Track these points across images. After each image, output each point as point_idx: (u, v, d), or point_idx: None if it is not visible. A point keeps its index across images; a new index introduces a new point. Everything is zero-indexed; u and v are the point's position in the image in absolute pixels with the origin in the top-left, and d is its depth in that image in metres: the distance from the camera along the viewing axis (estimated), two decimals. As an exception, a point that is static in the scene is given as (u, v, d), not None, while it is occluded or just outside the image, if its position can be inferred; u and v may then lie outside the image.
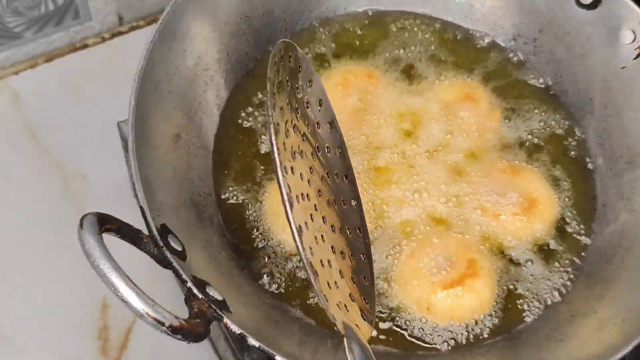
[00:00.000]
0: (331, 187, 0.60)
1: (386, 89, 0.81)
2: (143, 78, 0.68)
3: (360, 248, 0.59)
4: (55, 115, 0.93)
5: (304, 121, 0.60)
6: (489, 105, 0.81)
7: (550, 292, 0.72)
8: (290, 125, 0.59)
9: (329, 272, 0.58)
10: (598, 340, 0.67)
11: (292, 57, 0.59)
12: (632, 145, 0.77)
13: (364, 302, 0.59)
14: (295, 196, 0.58)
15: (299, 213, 0.57)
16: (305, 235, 0.57)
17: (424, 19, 0.87)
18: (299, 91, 0.60)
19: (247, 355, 0.72)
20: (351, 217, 0.59)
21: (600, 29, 0.79)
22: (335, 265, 0.59)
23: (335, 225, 0.60)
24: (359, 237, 0.59)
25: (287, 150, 0.58)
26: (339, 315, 0.57)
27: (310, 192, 0.59)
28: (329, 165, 0.60)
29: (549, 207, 0.75)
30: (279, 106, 0.58)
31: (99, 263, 0.54)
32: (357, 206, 0.59)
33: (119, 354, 0.81)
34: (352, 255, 0.60)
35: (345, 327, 0.57)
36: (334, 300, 0.58)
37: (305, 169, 0.59)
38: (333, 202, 0.60)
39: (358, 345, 0.56)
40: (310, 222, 0.59)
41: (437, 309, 0.70)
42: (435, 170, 0.77)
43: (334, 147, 0.59)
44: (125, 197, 0.86)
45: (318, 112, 0.60)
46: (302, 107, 0.60)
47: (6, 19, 0.91)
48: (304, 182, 0.59)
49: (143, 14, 1.00)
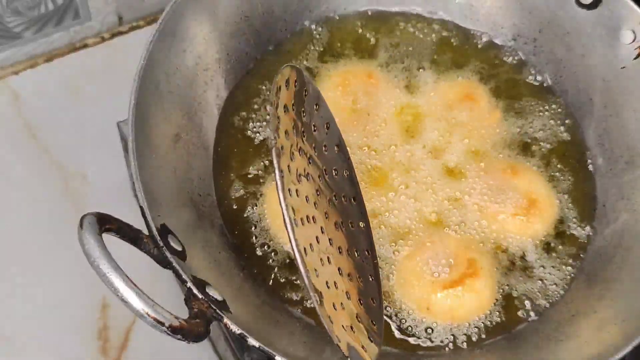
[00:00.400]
0: (338, 209, 0.59)
1: (386, 89, 0.81)
2: (143, 78, 0.68)
3: (368, 269, 0.58)
4: (55, 115, 0.93)
5: (310, 144, 0.59)
6: (489, 105, 0.81)
7: (550, 292, 0.72)
8: (295, 148, 0.58)
9: (335, 294, 0.58)
10: (598, 340, 0.67)
11: (298, 81, 0.59)
12: (632, 145, 0.77)
13: (371, 324, 0.58)
14: (300, 218, 0.57)
15: (304, 235, 0.57)
16: (310, 256, 0.57)
17: (424, 19, 0.87)
18: (305, 115, 0.59)
19: (247, 355, 0.72)
20: (359, 239, 0.58)
21: (600, 29, 0.79)
22: (341, 287, 0.58)
23: (343, 247, 0.59)
24: (367, 258, 0.58)
25: (292, 173, 0.57)
26: (344, 336, 0.57)
27: (316, 215, 0.59)
28: (336, 187, 0.59)
29: (548, 207, 0.75)
30: (283, 130, 0.58)
31: (99, 263, 0.54)
32: (365, 228, 0.58)
33: (119, 354, 0.81)
34: (359, 277, 0.58)
35: (349, 349, 0.57)
36: (339, 321, 0.57)
37: (312, 191, 0.59)
38: (340, 224, 0.58)
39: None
40: (316, 244, 0.58)
41: (437, 309, 0.70)
42: (435, 170, 0.77)
43: (342, 170, 0.59)
44: (125, 197, 0.86)
45: (325, 135, 0.59)
46: (308, 131, 0.59)
47: (6, 19, 0.91)
48: (309, 205, 0.58)
49: (143, 14, 1.00)
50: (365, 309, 0.58)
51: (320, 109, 0.58)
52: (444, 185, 0.76)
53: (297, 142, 0.59)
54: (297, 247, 0.56)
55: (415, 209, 0.74)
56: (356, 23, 0.86)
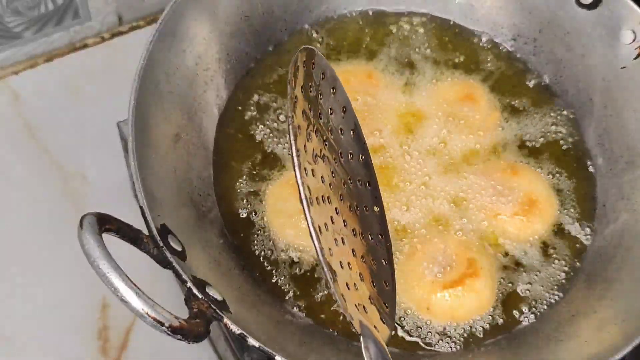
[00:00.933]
0: (353, 193, 0.59)
1: (386, 89, 0.81)
2: (143, 78, 0.68)
3: (381, 253, 0.59)
4: (55, 115, 0.93)
5: (326, 127, 0.60)
6: (489, 105, 0.81)
7: (550, 292, 0.72)
8: (312, 129, 0.59)
9: (348, 274, 0.58)
10: (598, 340, 0.67)
11: (315, 64, 0.59)
12: (632, 145, 0.77)
13: (384, 306, 0.59)
14: (316, 198, 0.58)
15: (319, 214, 0.57)
16: (325, 236, 0.57)
17: (423, 19, 0.87)
18: (322, 98, 0.59)
19: (247, 355, 0.72)
20: (373, 223, 0.59)
21: (600, 29, 0.79)
22: (355, 268, 0.59)
23: (357, 229, 0.59)
24: (380, 242, 0.59)
25: (308, 152, 0.58)
26: (356, 315, 0.57)
27: (331, 196, 0.59)
28: (351, 171, 0.59)
29: (548, 207, 0.75)
30: (300, 109, 0.58)
31: (99, 263, 0.54)
32: (380, 212, 0.59)
33: (119, 354, 0.81)
34: (373, 260, 0.59)
35: (361, 326, 0.57)
36: (352, 300, 0.58)
37: (327, 172, 0.59)
38: (355, 207, 0.59)
39: (374, 344, 0.56)
40: (330, 225, 0.58)
41: (437, 309, 0.70)
42: (434, 170, 0.77)
43: (357, 154, 0.59)
44: (125, 197, 0.86)
45: (341, 118, 0.59)
46: (324, 113, 0.60)
47: (6, 19, 0.91)
48: (325, 185, 0.59)
49: (143, 14, 1.00)
50: (378, 291, 0.59)
51: (337, 93, 0.59)
52: (444, 185, 0.76)
53: (313, 123, 0.59)
54: (312, 224, 0.56)
55: (415, 209, 0.74)
56: (356, 23, 0.86)
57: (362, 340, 0.57)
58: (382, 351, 0.56)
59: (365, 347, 0.56)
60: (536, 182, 0.76)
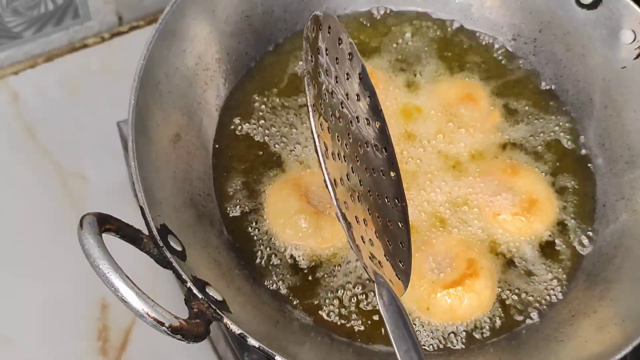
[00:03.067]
0: (370, 157, 0.59)
1: (386, 88, 0.81)
2: (143, 78, 0.68)
3: (398, 215, 0.59)
4: (54, 115, 0.93)
5: (343, 90, 0.60)
6: (489, 105, 0.81)
7: (550, 292, 0.72)
8: (327, 89, 0.59)
9: (364, 229, 0.59)
10: (598, 340, 0.67)
11: (332, 29, 0.59)
12: (632, 145, 0.77)
13: (399, 263, 0.59)
14: (331, 153, 0.58)
15: (334, 168, 0.57)
16: (340, 189, 0.57)
17: (424, 19, 0.87)
18: (339, 62, 0.59)
19: (247, 355, 0.72)
20: (389, 188, 0.59)
21: (600, 29, 0.79)
22: (371, 225, 0.59)
23: (372, 191, 0.60)
24: (396, 206, 0.59)
25: (325, 110, 0.58)
26: (370, 265, 0.58)
27: (347, 154, 0.59)
28: (368, 136, 0.60)
29: (548, 207, 0.75)
30: (316, 69, 0.58)
31: (99, 263, 0.54)
32: (396, 178, 0.59)
33: (119, 354, 0.81)
34: (389, 221, 0.59)
35: (375, 275, 0.57)
36: (367, 253, 0.58)
37: (343, 132, 0.59)
38: (372, 170, 0.59)
39: (388, 292, 0.57)
40: (346, 181, 0.59)
41: (437, 309, 0.70)
42: (435, 170, 0.77)
43: (374, 121, 0.59)
44: (125, 197, 0.86)
45: (358, 85, 0.60)
46: (341, 78, 0.59)
47: (6, 19, 0.91)
48: (341, 145, 0.59)
49: (143, 14, 1.00)
50: (394, 249, 0.59)
51: (353, 59, 0.58)
52: (444, 185, 0.76)
53: (329, 84, 0.59)
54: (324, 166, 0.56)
55: (415, 208, 0.74)
56: (356, 23, 0.86)
57: (376, 288, 0.57)
58: (395, 298, 0.57)
59: (379, 294, 0.57)
60: (536, 182, 0.76)
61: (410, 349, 0.56)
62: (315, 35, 0.60)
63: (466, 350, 0.69)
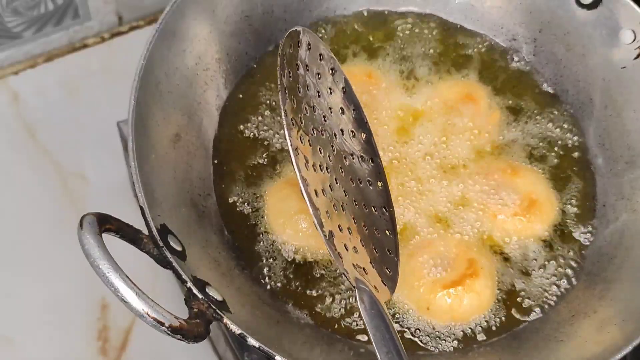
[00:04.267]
0: (355, 168, 0.60)
1: (386, 89, 0.81)
2: (143, 78, 0.68)
3: (385, 225, 0.59)
4: (54, 115, 0.93)
5: (326, 104, 0.60)
6: (489, 105, 0.81)
7: (550, 292, 0.72)
8: (307, 104, 0.60)
9: (347, 237, 0.59)
10: (598, 340, 0.67)
11: (312, 45, 0.60)
12: (632, 145, 0.77)
13: (386, 270, 0.59)
14: (312, 165, 0.58)
15: (314, 179, 0.58)
16: (322, 199, 0.58)
17: (423, 19, 0.87)
18: (321, 77, 0.60)
19: (247, 355, 0.72)
20: (376, 198, 0.59)
21: (600, 29, 0.79)
22: (355, 234, 0.59)
23: (358, 200, 0.60)
24: (384, 215, 0.59)
25: (305, 123, 0.58)
26: (352, 272, 0.58)
27: (330, 166, 0.59)
28: (353, 147, 0.60)
29: (548, 207, 0.75)
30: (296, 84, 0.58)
31: (99, 263, 0.54)
32: (383, 187, 0.59)
33: (119, 354, 0.81)
34: (376, 230, 0.60)
35: (356, 281, 0.58)
36: (350, 260, 0.58)
37: (326, 143, 0.59)
38: (358, 181, 0.60)
39: (368, 296, 0.58)
40: (329, 191, 0.59)
41: (437, 309, 0.70)
42: (434, 170, 0.77)
43: (359, 132, 0.59)
44: (125, 197, 0.86)
45: (342, 99, 0.60)
46: (323, 92, 0.60)
47: (6, 19, 0.91)
48: (324, 156, 0.59)
49: (143, 14, 1.00)
50: (381, 256, 0.60)
51: (335, 75, 0.59)
52: (444, 186, 0.76)
53: (310, 98, 0.59)
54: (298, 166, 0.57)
55: (415, 209, 0.74)
56: (356, 23, 0.86)
57: (357, 293, 0.58)
58: (376, 303, 0.57)
59: (360, 299, 0.58)
60: (536, 182, 0.76)
61: (392, 351, 0.56)
62: (293, 51, 0.60)
63: (466, 350, 0.69)
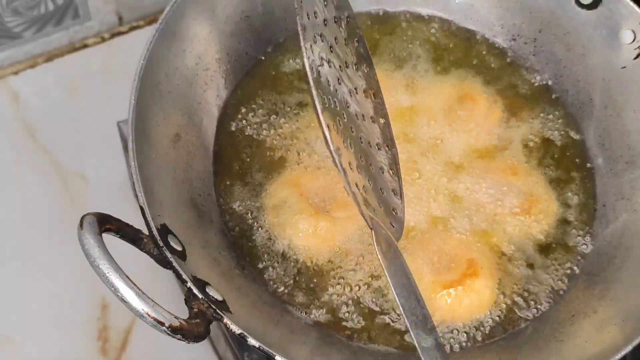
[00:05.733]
0: (359, 102, 0.59)
1: (386, 88, 0.81)
2: (143, 78, 0.68)
3: (389, 163, 0.59)
4: (54, 115, 0.93)
5: (332, 34, 0.60)
6: (489, 105, 0.81)
7: (550, 292, 0.72)
8: (317, 33, 0.60)
9: (357, 176, 0.59)
10: (598, 340, 0.67)
11: None
12: (632, 145, 0.77)
13: (392, 212, 0.59)
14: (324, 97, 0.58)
15: (327, 116, 0.57)
16: (334, 135, 0.58)
17: (423, 19, 0.87)
18: (327, 4, 0.60)
19: (247, 355, 0.72)
20: (378, 135, 0.59)
21: (600, 29, 0.79)
22: (363, 173, 0.59)
23: (364, 138, 0.60)
24: (387, 152, 0.59)
25: (315, 53, 0.58)
26: (367, 212, 0.58)
27: (337, 100, 0.60)
28: (357, 81, 0.60)
29: (548, 207, 0.75)
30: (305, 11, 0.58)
31: (99, 263, 0.54)
32: (386, 123, 0.59)
33: (119, 354, 0.81)
34: (380, 169, 0.60)
35: (372, 220, 0.57)
36: (362, 199, 0.58)
37: (333, 77, 0.59)
38: (362, 117, 0.60)
39: (385, 239, 0.57)
40: (339, 126, 0.59)
41: (437, 309, 0.69)
42: (434, 170, 0.77)
43: (362, 65, 0.59)
44: (125, 197, 0.86)
45: (344, 30, 0.60)
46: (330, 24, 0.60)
47: (6, 19, 0.91)
48: (331, 88, 0.59)
49: (143, 14, 1.00)
50: (387, 196, 0.59)
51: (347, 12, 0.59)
52: (444, 185, 0.76)
53: (319, 28, 0.59)
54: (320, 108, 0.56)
55: (415, 208, 0.74)
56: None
57: (374, 235, 0.57)
58: (393, 245, 0.57)
59: (377, 242, 0.57)
60: (536, 182, 0.76)
61: (411, 299, 0.56)
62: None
63: (466, 350, 0.69)
